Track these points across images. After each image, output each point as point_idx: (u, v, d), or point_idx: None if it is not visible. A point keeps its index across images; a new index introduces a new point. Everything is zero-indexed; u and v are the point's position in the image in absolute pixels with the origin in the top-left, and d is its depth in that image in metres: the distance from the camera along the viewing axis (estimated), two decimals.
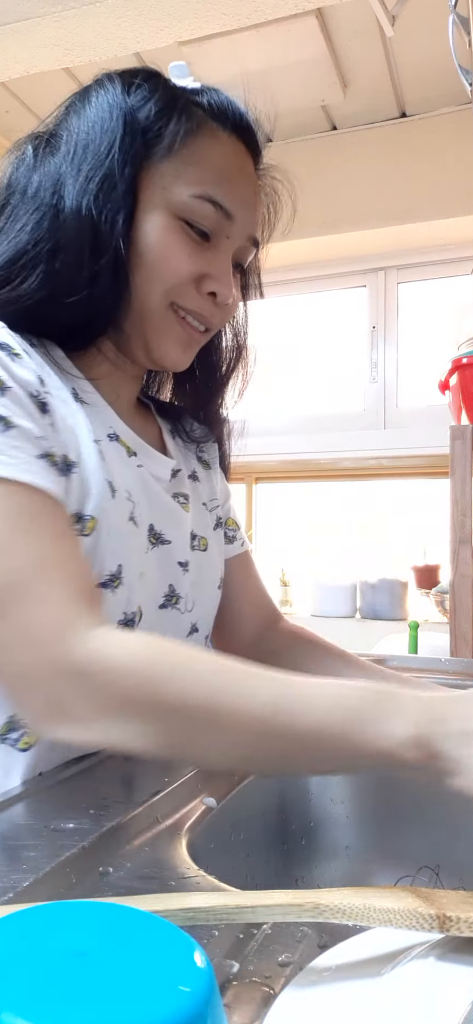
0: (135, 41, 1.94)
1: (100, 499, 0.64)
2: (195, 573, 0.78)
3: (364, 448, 2.56)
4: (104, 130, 0.68)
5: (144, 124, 0.68)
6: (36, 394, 0.61)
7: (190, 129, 0.69)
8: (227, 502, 0.91)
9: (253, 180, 0.74)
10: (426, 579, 2.51)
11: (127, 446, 0.73)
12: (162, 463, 0.78)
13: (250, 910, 0.34)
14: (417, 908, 0.36)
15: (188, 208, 0.68)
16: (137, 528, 0.70)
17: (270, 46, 2.10)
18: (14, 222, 0.67)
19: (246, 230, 0.72)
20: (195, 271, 0.69)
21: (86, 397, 0.70)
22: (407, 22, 1.89)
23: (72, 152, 0.67)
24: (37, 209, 0.66)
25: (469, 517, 1.56)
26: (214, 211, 0.69)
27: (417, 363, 2.64)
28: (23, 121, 2.55)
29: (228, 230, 0.70)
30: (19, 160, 0.69)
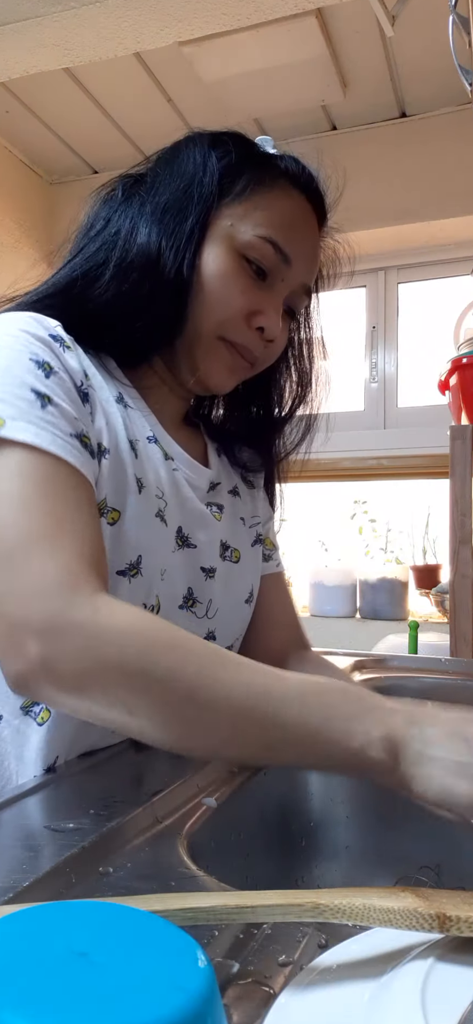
0: (135, 41, 1.94)
1: (126, 492, 0.69)
2: (222, 582, 0.81)
3: (364, 448, 2.56)
4: (183, 173, 0.75)
5: (221, 171, 0.75)
6: (80, 384, 0.67)
7: (262, 180, 0.75)
8: (268, 523, 0.95)
9: (315, 236, 0.80)
10: (426, 579, 2.51)
11: (165, 451, 0.77)
12: (199, 472, 0.82)
13: (250, 910, 0.34)
14: (417, 908, 0.36)
15: (249, 246, 0.73)
16: (165, 527, 0.74)
17: (270, 46, 2.10)
18: (92, 245, 0.74)
19: (301, 278, 0.78)
20: (247, 306, 0.74)
21: (131, 403, 0.75)
22: (407, 22, 1.89)
23: (153, 191, 0.75)
24: (115, 234, 0.74)
25: (469, 517, 1.56)
26: (273, 253, 0.74)
27: (417, 363, 2.64)
28: (23, 121, 2.56)
29: (284, 273, 0.76)
30: (109, 195, 0.77)
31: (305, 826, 0.78)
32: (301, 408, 0.91)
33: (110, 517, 0.68)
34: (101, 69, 2.25)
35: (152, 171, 0.78)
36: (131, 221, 0.74)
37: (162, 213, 0.73)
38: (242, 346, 0.76)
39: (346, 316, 2.77)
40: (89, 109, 2.47)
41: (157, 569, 0.72)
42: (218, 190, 0.74)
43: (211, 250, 0.73)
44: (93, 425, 0.67)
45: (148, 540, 0.70)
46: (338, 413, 2.69)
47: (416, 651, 1.83)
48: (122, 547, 0.68)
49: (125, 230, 0.73)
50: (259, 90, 2.30)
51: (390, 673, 1.19)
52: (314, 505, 2.85)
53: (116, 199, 0.76)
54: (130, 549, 0.68)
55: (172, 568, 0.74)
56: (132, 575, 0.69)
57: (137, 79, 2.31)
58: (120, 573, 0.68)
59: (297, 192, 0.77)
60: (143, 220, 0.74)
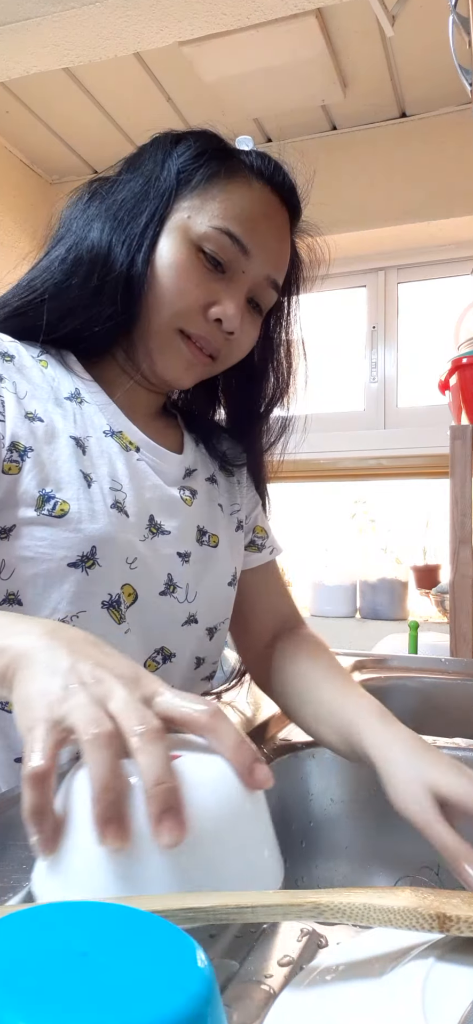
0: (135, 41, 1.94)
1: (71, 487, 0.70)
2: (199, 566, 0.81)
3: (364, 448, 2.56)
4: (143, 172, 0.76)
5: (180, 165, 0.75)
6: None
7: (222, 172, 0.74)
8: (255, 510, 0.94)
9: (280, 228, 0.78)
10: (426, 579, 2.51)
11: (128, 441, 0.77)
12: (168, 459, 0.81)
13: (250, 910, 0.34)
14: (417, 908, 0.36)
15: (205, 237, 0.73)
16: (127, 517, 0.73)
17: (270, 46, 2.10)
18: (57, 247, 0.76)
19: (264, 269, 0.76)
20: (203, 298, 0.73)
21: (88, 397, 0.76)
22: (407, 22, 1.90)
23: (112, 191, 0.76)
24: (74, 235, 0.75)
25: (469, 517, 1.56)
26: (231, 244, 0.73)
27: (417, 363, 2.64)
28: (23, 121, 2.56)
29: (244, 265, 0.74)
30: (77, 199, 0.78)
31: (305, 826, 0.78)
32: (281, 402, 0.90)
33: (58, 509, 0.68)
34: (101, 69, 2.25)
35: (117, 173, 0.79)
36: (87, 219, 0.75)
37: (117, 210, 0.74)
38: (200, 338, 0.74)
39: (346, 316, 2.77)
40: (89, 109, 2.47)
41: (120, 559, 0.72)
42: (176, 185, 0.74)
43: (166, 243, 0.73)
44: (3, 424, 0.68)
45: (103, 531, 0.70)
46: (338, 413, 2.69)
47: (416, 651, 1.83)
48: (72, 539, 0.68)
49: (80, 228, 0.75)
50: (259, 90, 2.30)
51: (390, 673, 1.19)
52: (314, 505, 2.85)
53: (82, 202, 0.77)
54: (82, 542, 0.69)
55: (145, 557, 0.74)
56: (88, 566, 0.69)
57: (137, 79, 2.31)
58: (72, 565, 0.68)
59: (259, 184, 0.75)
60: (98, 218, 0.75)
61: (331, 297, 2.78)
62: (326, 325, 2.78)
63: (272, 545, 0.94)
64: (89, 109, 2.47)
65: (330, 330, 2.78)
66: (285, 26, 2.00)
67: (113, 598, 0.71)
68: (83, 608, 0.69)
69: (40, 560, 0.68)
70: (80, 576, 0.69)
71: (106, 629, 0.70)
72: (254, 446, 0.92)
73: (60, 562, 0.68)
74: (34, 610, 0.68)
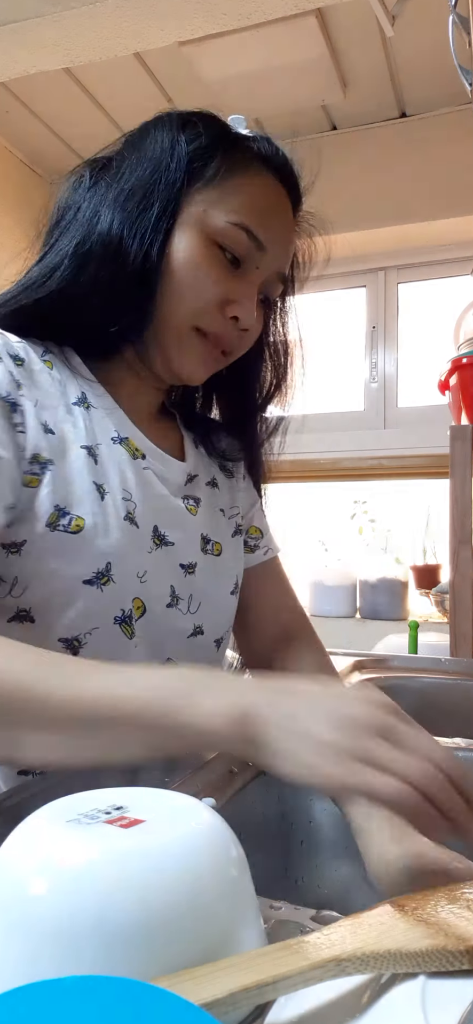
0: (135, 41, 1.94)
1: (84, 500, 0.67)
2: (204, 576, 0.79)
3: (364, 448, 2.56)
4: (150, 157, 0.72)
5: (191, 154, 0.72)
6: (6, 395, 0.65)
7: (235, 164, 0.73)
8: (251, 510, 0.92)
9: (289, 222, 0.77)
10: (426, 579, 2.51)
11: (135, 448, 0.75)
12: (172, 466, 0.79)
13: (271, 987, 0.32)
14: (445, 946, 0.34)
15: (222, 233, 0.71)
16: (137, 529, 0.72)
17: (270, 46, 2.10)
18: (63, 238, 0.72)
19: (276, 264, 0.75)
20: (221, 295, 0.72)
21: (95, 401, 0.73)
22: (407, 22, 1.89)
23: (118, 176, 0.72)
24: (81, 226, 0.71)
25: (469, 517, 1.56)
26: (247, 240, 0.72)
27: (417, 363, 2.64)
28: (23, 121, 2.55)
29: (258, 260, 0.73)
30: (77, 182, 0.75)
31: (305, 826, 0.78)
32: (278, 395, 0.88)
33: (74, 525, 0.66)
34: (101, 69, 2.25)
35: (119, 155, 0.75)
36: (94, 208, 0.71)
37: (126, 199, 0.71)
38: (217, 335, 0.73)
39: (346, 316, 2.76)
40: (89, 109, 2.47)
41: (132, 573, 0.70)
42: (187, 175, 0.71)
43: (182, 237, 0.71)
44: (25, 436, 0.66)
45: (116, 545, 0.68)
46: (338, 413, 2.69)
47: (416, 651, 1.83)
48: (86, 556, 0.66)
49: (87, 218, 0.71)
50: (259, 90, 2.30)
51: (390, 673, 1.19)
52: (314, 505, 2.85)
53: (84, 186, 0.74)
54: (97, 557, 0.67)
55: (152, 569, 0.73)
56: (102, 583, 0.67)
57: (137, 79, 2.31)
58: (87, 582, 0.66)
59: (270, 176, 0.74)
60: (105, 206, 0.71)
61: (331, 297, 2.78)
62: (326, 325, 2.78)
63: (267, 545, 0.92)
64: (89, 109, 2.47)
65: (330, 330, 2.78)
66: (285, 26, 2.00)
67: (125, 613, 0.70)
68: (96, 625, 0.67)
69: (55, 577, 0.65)
70: (95, 593, 0.67)
71: (117, 645, 0.69)
72: (252, 441, 0.90)
73: (75, 580, 0.66)
74: (46, 629, 0.66)
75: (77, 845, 0.35)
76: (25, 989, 0.26)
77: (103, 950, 0.32)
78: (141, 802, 0.40)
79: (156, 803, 0.40)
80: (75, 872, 0.33)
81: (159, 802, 0.41)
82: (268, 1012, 0.33)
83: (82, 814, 0.38)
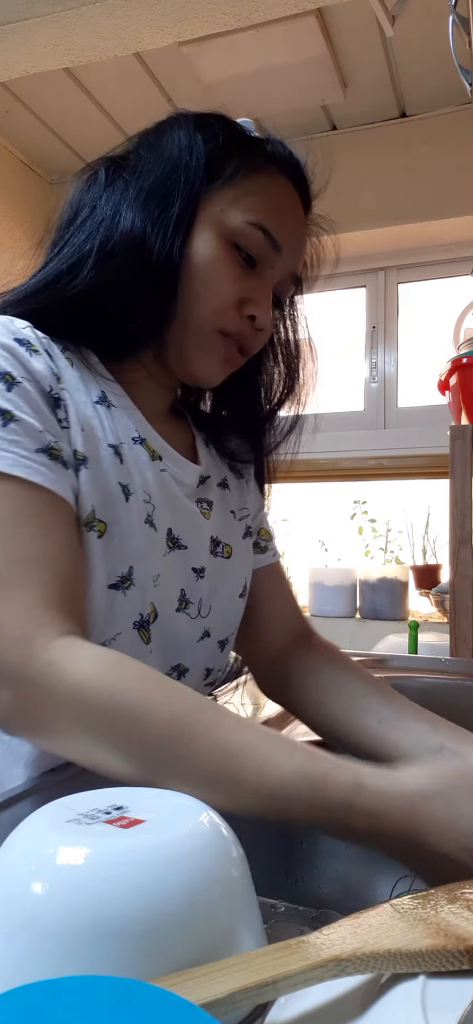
0: (135, 41, 1.94)
1: (111, 502, 0.66)
2: (213, 579, 0.79)
3: (364, 448, 2.56)
4: (168, 156, 0.72)
5: (208, 155, 0.72)
6: (49, 389, 0.64)
7: (251, 165, 0.73)
8: (260, 513, 0.92)
9: (302, 223, 0.78)
10: (426, 579, 2.51)
11: (152, 450, 0.74)
12: (188, 469, 0.79)
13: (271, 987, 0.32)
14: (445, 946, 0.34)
15: (239, 232, 0.71)
16: (155, 532, 0.71)
17: (270, 46, 2.10)
18: (80, 234, 0.71)
19: (290, 265, 0.76)
20: (239, 294, 0.72)
21: (115, 400, 0.72)
22: (407, 22, 1.89)
23: (138, 175, 0.72)
24: (101, 223, 0.70)
25: (469, 517, 1.56)
26: (264, 239, 0.72)
27: (417, 363, 2.64)
28: (23, 121, 2.55)
29: (273, 261, 0.74)
30: (91, 179, 0.74)
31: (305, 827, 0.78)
32: (290, 398, 0.88)
33: (98, 528, 0.64)
34: (101, 69, 2.25)
35: (135, 153, 0.75)
36: (114, 206, 0.71)
37: (147, 198, 0.70)
38: (236, 335, 0.73)
39: (346, 316, 2.77)
40: (89, 109, 2.47)
41: (150, 576, 0.69)
42: (206, 174, 0.72)
43: (201, 236, 0.71)
44: (68, 431, 0.64)
45: (139, 548, 0.68)
46: (338, 413, 2.69)
47: (416, 651, 1.83)
48: (113, 560, 0.65)
49: (108, 216, 0.71)
50: (259, 90, 2.30)
51: (390, 673, 1.19)
52: (314, 505, 2.85)
53: (100, 184, 0.73)
54: (121, 561, 0.66)
55: (165, 572, 0.72)
56: (126, 587, 0.66)
57: (137, 79, 2.31)
58: (112, 587, 0.65)
59: (284, 178, 0.75)
60: (126, 205, 0.70)
61: (331, 297, 2.78)
62: (326, 325, 2.78)
63: (274, 548, 0.92)
64: (89, 109, 2.47)
65: (330, 330, 2.78)
66: (285, 26, 2.00)
67: (144, 618, 0.69)
68: (118, 631, 0.66)
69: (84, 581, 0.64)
70: (119, 597, 0.66)
71: (135, 650, 0.68)
72: (261, 444, 0.90)
73: (100, 584, 0.65)
74: None
75: (77, 845, 0.35)
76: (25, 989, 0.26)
77: (103, 950, 0.32)
78: (141, 802, 0.40)
79: (156, 803, 0.40)
80: (75, 872, 0.33)
81: (159, 802, 0.41)
82: (268, 1012, 0.33)
83: (82, 814, 0.38)
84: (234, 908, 0.37)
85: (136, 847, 0.35)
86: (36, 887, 0.33)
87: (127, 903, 0.33)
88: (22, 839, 0.37)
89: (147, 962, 0.32)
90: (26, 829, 0.37)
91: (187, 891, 0.34)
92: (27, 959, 0.32)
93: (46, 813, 0.39)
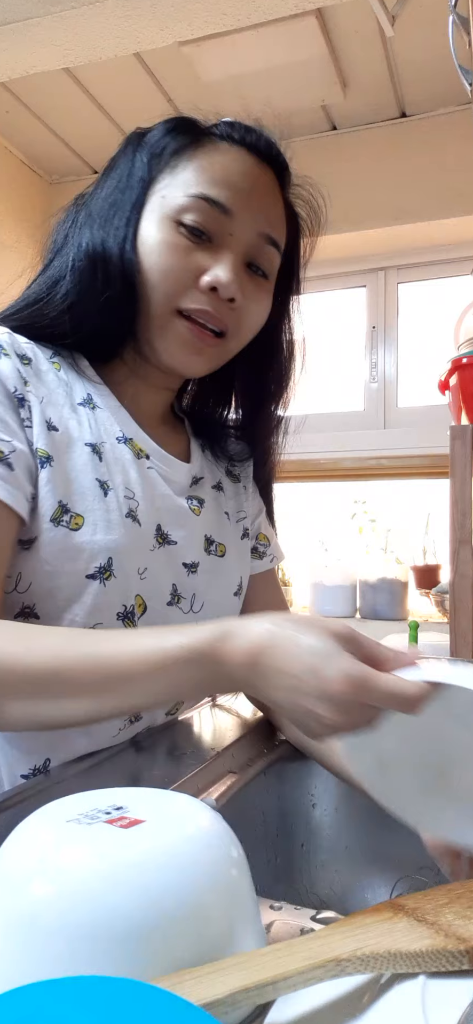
0: (135, 41, 1.93)
1: (88, 497, 0.69)
2: (207, 576, 0.80)
3: (364, 448, 2.56)
4: (119, 172, 0.76)
5: (151, 153, 0.75)
6: (13, 390, 0.68)
7: (190, 143, 0.74)
8: (259, 517, 0.93)
9: (264, 184, 0.76)
10: (426, 579, 2.50)
11: (139, 448, 0.77)
12: (176, 467, 0.80)
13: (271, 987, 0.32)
14: (445, 947, 0.34)
15: (182, 209, 0.71)
16: (139, 526, 0.73)
17: (270, 46, 2.10)
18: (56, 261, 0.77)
19: (254, 227, 0.74)
20: (192, 270, 0.72)
21: (101, 401, 0.76)
22: (407, 22, 1.89)
23: (93, 199, 0.77)
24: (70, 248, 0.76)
25: (469, 517, 1.56)
26: (210, 208, 0.71)
27: (417, 363, 2.64)
28: (23, 121, 2.55)
29: (230, 227, 0.72)
30: (65, 216, 0.79)
31: (305, 827, 0.78)
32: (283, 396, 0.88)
33: (73, 523, 0.68)
34: (101, 69, 2.25)
35: (97, 183, 0.80)
36: (79, 232, 0.76)
37: (101, 211, 0.75)
38: (200, 312, 0.72)
39: (346, 316, 2.76)
40: (89, 109, 2.47)
41: (133, 569, 0.71)
42: (149, 169, 0.74)
43: (147, 226, 0.73)
44: (31, 430, 0.68)
45: (118, 541, 0.70)
46: (338, 413, 2.69)
47: None
48: (88, 551, 0.68)
49: (74, 242, 0.76)
50: (259, 90, 2.29)
51: None
52: (314, 505, 2.85)
53: (70, 216, 0.78)
54: (97, 552, 0.68)
55: (154, 567, 0.74)
56: (105, 578, 0.69)
57: (137, 79, 2.31)
58: (90, 577, 0.68)
59: (230, 145, 0.75)
60: (87, 224, 0.75)
61: (331, 297, 2.78)
62: (326, 325, 2.78)
63: (273, 553, 0.94)
64: (89, 109, 2.47)
65: (330, 330, 2.78)
66: (285, 26, 2.00)
67: (127, 609, 0.71)
68: (99, 620, 0.69)
69: (59, 573, 0.67)
70: (98, 588, 0.68)
71: None
72: (262, 447, 0.91)
73: (78, 575, 0.67)
74: (50, 623, 0.68)
75: (77, 845, 0.35)
76: (25, 989, 0.26)
77: (103, 950, 0.32)
78: (141, 802, 0.40)
79: (156, 803, 0.40)
80: (74, 871, 0.33)
81: (159, 802, 0.41)
82: (268, 1012, 0.34)
83: (82, 814, 0.38)
84: (234, 907, 0.37)
85: (136, 848, 0.35)
86: (36, 886, 0.33)
87: (128, 903, 0.33)
88: (23, 838, 0.37)
89: (147, 962, 0.32)
90: (26, 828, 0.37)
91: (187, 891, 0.34)
92: (27, 959, 0.32)
93: (46, 813, 0.39)
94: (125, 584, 0.70)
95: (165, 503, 0.77)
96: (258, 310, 0.77)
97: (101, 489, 0.70)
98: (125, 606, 0.71)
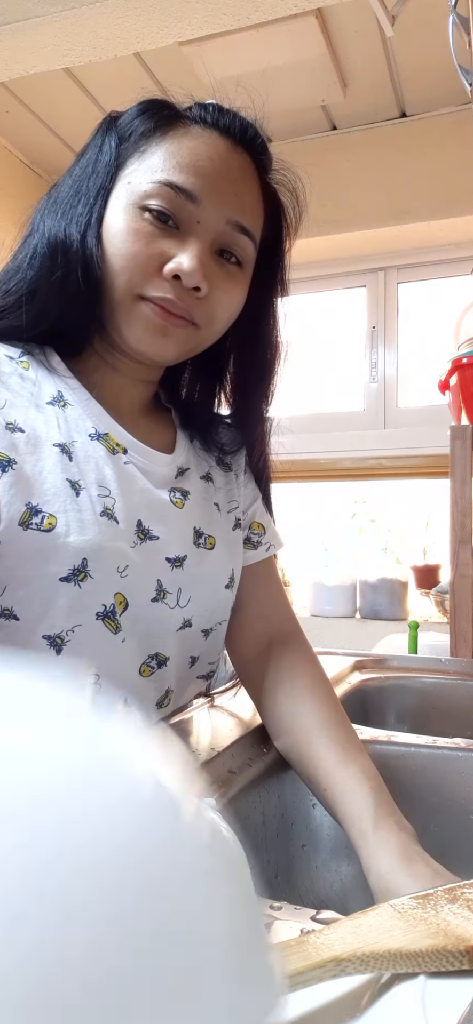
0: (135, 41, 1.94)
1: (58, 498, 0.67)
2: (194, 569, 0.78)
3: (364, 448, 2.56)
4: (86, 160, 0.76)
5: (121, 132, 0.74)
6: None
7: (160, 126, 0.72)
8: (252, 505, 0.91)
9: (235, 169, 0.73)
10: (426, 579, 2.51)
11: (115, 443, 0.75)
12: (158, 460, 0.78)
13: None
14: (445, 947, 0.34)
15: (147, 195, 0.70)
16: (117, 524, 0.71)
17: (270, 46, 2.10)
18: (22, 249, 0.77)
19: (222, 214, 0.72)
20: (156, 257, 0.70)
21: (72, 397, 0.74)
22: (407, 22, 1.89)
23: (61, 186, 0.77)
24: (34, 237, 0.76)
25: (469, 517, 1.56)
26: (175, 195, 0.70)
27: (417, 363, 2.64)
28: (23, 121, 2.56)
29: (197, 214, 0.71)
30: (38, 206, 0.79)
31: (305, 828, 0.78)
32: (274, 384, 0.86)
33: (46, 524, 0.66)
34: (101, 69, 2.25)
35: (68, 171, 0.80)
36: (42, 216, 0.76)
37: (65, 198, 0.75)
38: (163, 300, 0.70)
39: (346, 316, 2.77)
40: (89, 109, 2.47)
41: (112, 568, 0.70)
42: (116, 155, 0.73)
43: (111, 213, 0.72)
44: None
45: (93, 541, 0.68)
46: (338, 413, 2.69)
47: (416, 651, 1.83)
48: (61, 553, 0.66)
49: (38, 230, 0.76)
50: (259, 90, 2.29)
51: (390, 673, 1.19)
52: (314, 505, 2.85)
53: (41, 205, 0.79)
54: (71, 554, 0.67)
55: (136, 564, 0.72)
56: (79, 579, 0.67)
57: (137, 79, 2.31)
58: (64, 580, 0.66)
59: (201, 129, 0.72)
60: (50, 212, 0.75)
61: (331, 297, 2.78)
62: (326, 325, 2.78)
63: (269, 541, 0.90)
64: (89, 109, 2.47)
65: (330, 330, 2.78)
66: (285, 26, 2.00)
67: (107, 608, 0.70)
68: (78, 622, 0.68)
69: (32, 577, 0.66)
70: (73, 590, 0.67)
71: (102, 640, 0.69)
72: (256, 434, 0.88)
73: (51, 578, 0.66)
74: (30, 627, 0.67)
75: None
76: None
77: None
78: None
79: None
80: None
81: None
82: None
83: None
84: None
85: None
86: None
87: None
88: None
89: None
90: None
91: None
92: None
93: None
94: (103, 584, 0.69)
95: (144, 498, 0.75)
96: (229, 300, 0.75)
97: (72, 489, 0.68)
98: (105, 605, 0.69)
